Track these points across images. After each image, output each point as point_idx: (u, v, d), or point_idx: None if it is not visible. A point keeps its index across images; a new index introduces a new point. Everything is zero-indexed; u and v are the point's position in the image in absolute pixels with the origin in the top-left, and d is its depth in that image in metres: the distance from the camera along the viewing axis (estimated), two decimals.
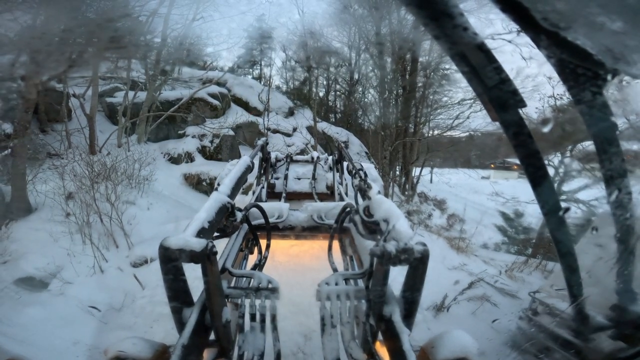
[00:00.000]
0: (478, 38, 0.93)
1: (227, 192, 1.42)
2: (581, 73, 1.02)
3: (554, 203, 1.29)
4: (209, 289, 0.90)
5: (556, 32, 0.90)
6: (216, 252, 0.91)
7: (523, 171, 1.19)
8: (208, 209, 1.22)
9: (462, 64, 0.99)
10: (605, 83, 1.02)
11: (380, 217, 1.23)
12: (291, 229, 1.84)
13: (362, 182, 1.67)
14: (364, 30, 13.02)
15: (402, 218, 1.14)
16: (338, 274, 1.24)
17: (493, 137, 14.76)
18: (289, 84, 17.85)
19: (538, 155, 1.16)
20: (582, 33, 0.91)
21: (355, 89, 16.21)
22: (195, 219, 1.13)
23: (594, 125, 1.16)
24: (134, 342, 0.86)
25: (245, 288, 1.16)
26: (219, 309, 0.93)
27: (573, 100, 1.11)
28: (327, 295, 1.09)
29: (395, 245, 0.87)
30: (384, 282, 0.94)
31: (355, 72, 15.77)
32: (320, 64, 15.08)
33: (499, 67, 0.99)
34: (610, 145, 1.17)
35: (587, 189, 7.83)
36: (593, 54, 0.95)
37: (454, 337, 0.87)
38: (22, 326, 3.84)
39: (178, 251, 0.87)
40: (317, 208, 1.89)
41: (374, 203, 1.33)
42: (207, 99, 10.09)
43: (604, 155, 1.19)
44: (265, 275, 1.20)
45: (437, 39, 0.93)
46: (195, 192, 8.28)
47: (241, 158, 2.08)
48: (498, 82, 1.00)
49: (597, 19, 0.86)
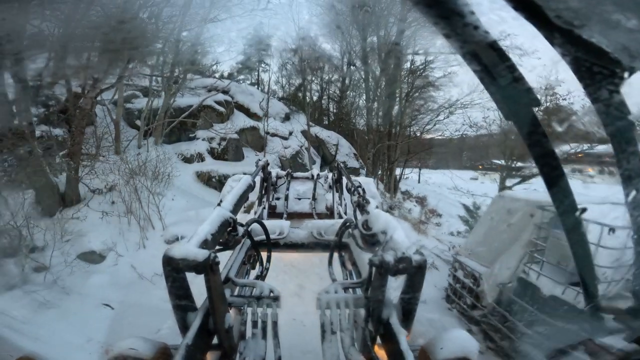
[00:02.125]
0: (489, 36, 0.93)
1: (230, 208, 1.46)
2: (597, 71, 0.99)
3: (570, 203, 1.26)
4: (211, 297, 0.93)
5: (570, 30, 0.89)
6: (218, 262, 0.94)
7: (538, 171, 1.18)
8: (211, 222, 1.25)
9: (473, 63, 0.98)
10: (622, 81, 1.00)
11: (378, 229, 1.26)
12: (292, 245, 1.88)
13: (361, 198, 1.71)
14: (351, 45, 14.61)
15: (399, 229, 1.18)
16: (337, 283, 1.28)
17: (484, 139, 16.52)
18: (285, 88, 19.28)
19: (554, 154, 1.16)
20: (597, 31, 0.89)
21: (346, 95, 17.74)
22: (199, 231, 1.16)
23: (611, 124, 1.11)
24: (135, 342, 0.88)
25: (248, 296, 1.21)
26: (221, 315, 0.96)
27: (589, 98, 1.08)
28: (327, 303, 1.12)
29: (393, 255, 0.89)
30: (383, 291, 0.95)
31: (347, 78, 17.31)
32: (314, 70, 16.58)
33: (512, 65, 0.99)
34: (628, 144, 1.12)
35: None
36: (609, 51, 0.92)
37: (455, 337, 0.88)
38: (92, 286, 5.21)
39: (181, 260, 0.90)
40: (317, 225, 1.94)
41: (372, 217, 1.37)
42: (214, 106, 11.44)
43: (622, 155, 1.15)
44: (267, 284, 1.24)
45: (447, 38, 0.92)
46: (206, 187, 9.66)
47: (243, 177, 2.14)
48: (511, 80, 0.99)
49: (612, 17, 0.84)
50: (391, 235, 1.16)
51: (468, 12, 0.87)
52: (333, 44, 15.68)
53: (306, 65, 16.07)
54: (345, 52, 15.77)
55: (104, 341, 3.93)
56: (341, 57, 16.57)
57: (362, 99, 16.10)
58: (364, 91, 14.21)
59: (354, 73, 16.20)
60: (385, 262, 0.87)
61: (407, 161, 15.45)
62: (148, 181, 6.91)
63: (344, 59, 16.50)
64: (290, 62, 17.41)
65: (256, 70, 18.51)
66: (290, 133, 12.90)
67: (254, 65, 18.22)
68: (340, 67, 17.14)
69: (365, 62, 13.07)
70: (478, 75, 1.01)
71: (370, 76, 13.55)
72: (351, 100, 17.64)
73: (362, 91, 15.63)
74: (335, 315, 1.10)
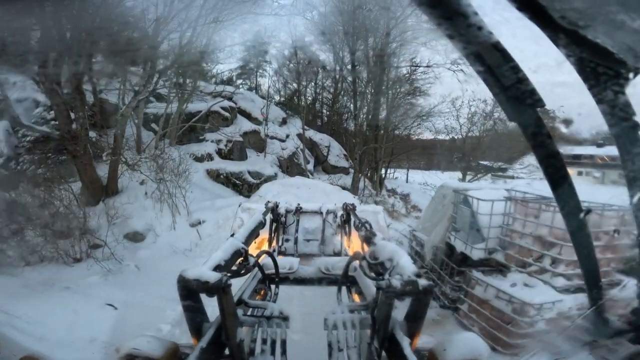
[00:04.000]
0: (493, 37, 0.91)
1: (242, 240, 1.53)
2: (602, 72, 0.98)
3: (575, 205, 1.25)
4: (224, 316, 0.98)
5: (575, 30, 0.87)
6: (230, 285, 0.98)
7: (542, 172, 1.16)
8: (224, 250, 1.33)
9: (477, 63, 0.97)
10: (627, 82, 0.99)
11: (385, 257, 1.29)
12: (300, 280, 1.96)
13: (368, 232, 1.77)
14: (342, 54, 16.34)
15: (405, 255, 1.21)
16: (344, 305, 1.34)
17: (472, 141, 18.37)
18: (281, 92, 20.87)
19: (558, 155, 1.14)
20: (601, 31, 0.88)
21: (338, 99, 19.45)
22: (212, 257, 1.24)
23: (616, 126, 1.08)
24: (146, 340, 0.90)
25: (259, 316, 1.29)
26: (233, 329, 1.01)
27: (594, 99, 1.05)
28: (334, 323, 1.18)
29: (400, 280, 0.92)
30: (389, 314, 0.97)
31: (339, 84, 19.02)
32: (309, 75, 18.29)
33: (516, 66, 0.97)
34: (633, 145, 1.10)
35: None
36: (614, 52, 0.91)
37: (465, 339, 0.89)
38: (140, 259, 6.77)
39: (194, 282, 0.95)
40: (324, 261, 2.05)
41: (378, 247, 1.40)
42: (220, 111, 13.00)
43: (627, 156, 1.12)
44: (278, 305, 1.33)
45: (450, 39, 0.90)
46: (215, 183, 11.24)
47: (255, 213, 2.25)
48: (515, 81, 0.98)
49: (617, 17, 0.83)
50: (397, 261, 1.19)
51: (472, 12, 0.87)
52: (328, 53, 17.42)
53: (302, 70, 17.77)
54: (337, 61, 17.51)
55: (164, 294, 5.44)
56: (334, 65, 18.33)
57: (351, 104, 17.94)
58: (352, 99, 16.00)
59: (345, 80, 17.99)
60: (392, 286, 0.90)
61: (391, 162, 17.29)
62: (175, 177, 8.49)
63: (336, 67, 18.25)
64: (286, 68, 19.09)
65: (254, 75, 20.08)
66: (287, 136, 14.55)
67: (252, 70, 19.79)
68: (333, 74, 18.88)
69: (353, 72, 14.83)
70: (482, 76, 1.01)
71: (358, 85, 15.32)
72: (343, 104, 19.42)
73: (351, 97, 17.43)
74: (342, 334, 1.15)
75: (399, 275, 1.00)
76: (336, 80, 18.62)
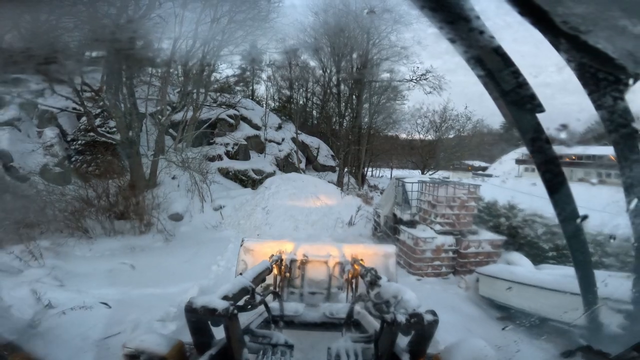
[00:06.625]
0: (494, 41, 0.92)
1: (250, 279, 1.57)
2: (602, 77, 0.98)
3: (572, 210, 1.25)
4: (230, 342, 1.03)
5: (576, 35, 0.88)
6: (237, 314, 1.02)
7: (540, 177, 1.17)
8: (233, 285, 1.37)
9: (477, 67, 0.97)
10: (627, 88, 1.00)
11: (389, 296, 1.29)
12: (305, 324, 2.04)
13: (373, 277, 1.78)
14: (330, 64, 19.14)
15: (409, 291, 1.24)
16: (347, 336, 1.40)
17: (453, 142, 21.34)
18: (275, 97, 23.43)
19: (556, 161, 1.14)
20: (603, 37, 0.89)
21: (327, 104, 22.19)
22: (221, 289, 1.27)
23: (615, 132, 1.08)
24: (151, 338, 0.92)
25: (265, 343, 1.35)
26: (239, 351, 1.08)
27: (594, 105, 1.05)
28: (337, 352, 1.23)
29: (405, 314, 0.93)
30: (392, 346, 0.99)
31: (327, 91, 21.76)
32: (300, 81, 21.01)
33: (516, 70, 0.97)
34: (631, 152, 1.10)
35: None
36: (614, 58, 0.92)
37: (471, 345, 0.89)
38: (182, 233, 9.33)
39: (202, 309, 0.99)
40: (330, 306, 2.15)
41: (383, 288, 1.42)
42: (226, 118, 15.51)
43: (625, 163, 1.12)
44: (283, 335, 1.40)
45: (452, 43, 0.91)
46: (225, 179, 13.79)
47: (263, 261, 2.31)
48: (515, 86, 0.98)
49: (619, 23, 0.84)
50: (401, 296, 1.18)
51: (474, 16, 0.86)
52: (319, 63, 20.17)
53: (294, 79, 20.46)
54: (324, 73, 20.26)
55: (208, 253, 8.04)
56: (323, 74, 21.06)
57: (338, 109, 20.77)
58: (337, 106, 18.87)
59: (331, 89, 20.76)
60: (397, 320, 0.91)
61: (375, 161, 20.39)
62: (199, 174, 11.05)
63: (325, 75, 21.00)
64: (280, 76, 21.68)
65: (251, 83, 22.57)
66: (283, 139, 17.21)
67: (249, 78, 22.26)
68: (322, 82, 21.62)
69: (337, 87, 17.65)
70: (482, 80, 1.01)
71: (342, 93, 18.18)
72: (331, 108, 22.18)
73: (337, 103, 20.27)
74: None
75: (404, 310, 1.04)
76: (324, 89, 21.39)
